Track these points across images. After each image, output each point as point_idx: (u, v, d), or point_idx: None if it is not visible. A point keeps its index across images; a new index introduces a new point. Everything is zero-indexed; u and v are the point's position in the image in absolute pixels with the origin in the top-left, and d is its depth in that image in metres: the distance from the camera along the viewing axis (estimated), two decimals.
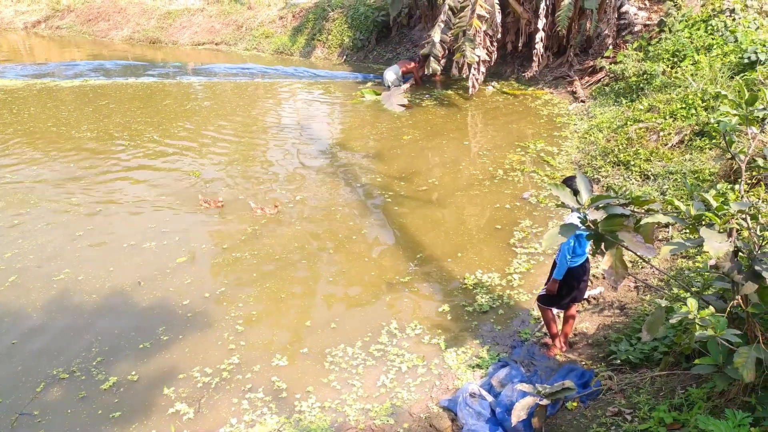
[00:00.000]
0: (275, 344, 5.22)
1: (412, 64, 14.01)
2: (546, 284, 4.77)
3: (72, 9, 25.45)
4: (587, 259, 4.65)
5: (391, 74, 13.91)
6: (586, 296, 5.20)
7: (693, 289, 4.38)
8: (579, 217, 3.10)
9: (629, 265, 5.65)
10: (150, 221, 7.48)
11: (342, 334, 5.35)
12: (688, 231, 2.99)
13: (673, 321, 2.87)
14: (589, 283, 5.41)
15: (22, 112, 12.61)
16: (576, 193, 3.13)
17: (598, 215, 3.03)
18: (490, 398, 4.26)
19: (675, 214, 3.18)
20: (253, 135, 11.04)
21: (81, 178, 8.93)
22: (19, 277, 6.30)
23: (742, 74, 8.56)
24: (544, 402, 3.71)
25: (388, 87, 13.67)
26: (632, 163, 7.83)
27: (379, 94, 13.22)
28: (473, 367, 4.86)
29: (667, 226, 6.09)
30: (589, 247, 4.49)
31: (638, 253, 2.99)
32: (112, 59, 18.56)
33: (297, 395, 4.63)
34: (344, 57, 17.53)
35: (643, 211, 3.21)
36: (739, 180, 4.16)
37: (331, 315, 5.62)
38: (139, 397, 4.63)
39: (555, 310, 4.91)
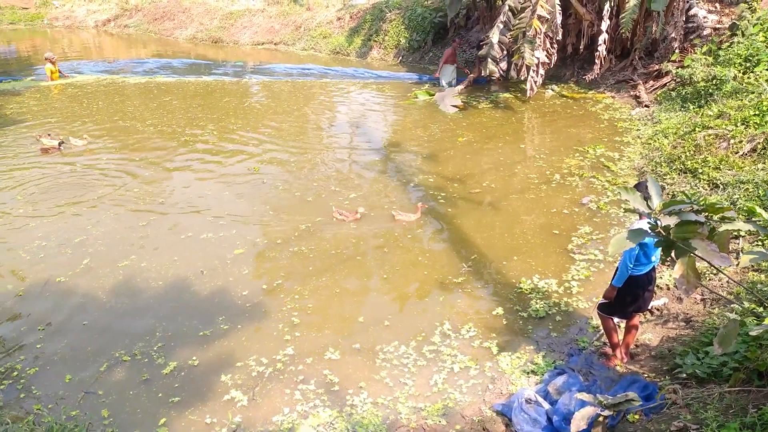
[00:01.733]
0: (328, 338, 5.27)
1: (450, 50, 13.88)
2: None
3: (139, 8, 26.53)
4: (653, 268, 4.48)
5: (445, 75, 13.85)
6: (649, 307, 5.01)
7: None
8: (649, 223, 2.99)
9: None
10: (207, 214, 7.69)
11: (394, 331, 5.35)
12: (761, 242, 2.85)
13: (753, 333, 2.72)
14: (654, 294, 5.21)
15: (91, 106, 13.21)
16: (646, 198, 3.02)
17: (670, 221, 2.92)
18: (546, 405, 4.16)
19: (756, 223, 3.02)
20: (307, 133, 11.20)
21: (144, 169, 9.27)
22: (90, 260, 6.59)
23: None
24: (606, 413, 3.59)
25: (443, 87, 13.62)
26: (700, 171, 7.51)
27: (433, 95, 13.18)
28: (528, 373, 4.76)
29: (737, 237, 5.83)
30: (657, 255, 4.33)
31: (713, 263, 2.85)
32: (177, 57, 19.22)
33: (349, 390, 4.65)
34: (400, 58, 17.57)
35: (717, 219, 3.07)
36: None
37: (384, 312, 5.63)
38: (198, 382, 4.76)
39: (616, 320, 4.76)
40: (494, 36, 11.70)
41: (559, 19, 11.60)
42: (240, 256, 6.63)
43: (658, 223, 2.88)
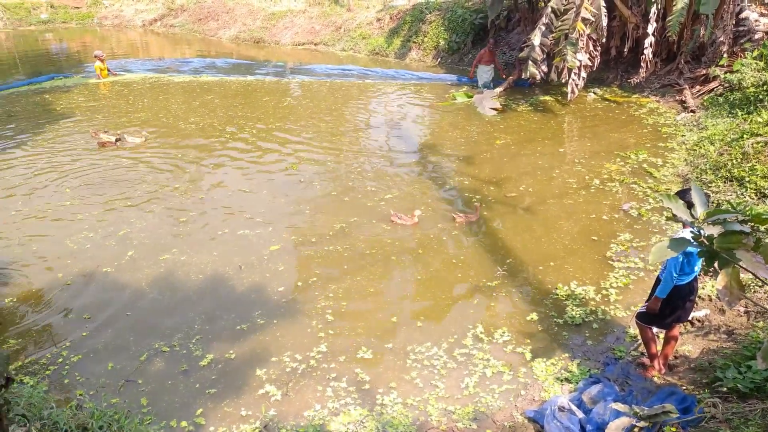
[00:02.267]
0: (361, 337, 5.31)
1: (484, 51, 13.75)
2: (647, 301, 4.53)
3: (185, 8, 27.18)
4: (695, 278, 4.37)
5: (482, 76, 13.76)
6: (690, 317, 4.88)
7: None
8: (692, 232, 2.92)
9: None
10: (244, 211, 7.83)
11: (427, 333, 5.35)
12: None
13: None
14: (695, 304, 5.07)
15: (137, 103, 13.62)
16: (690, 206, 2.95)
17: (714, 231, 2.84)
18: (580, 414, 4.10)
19: None
20: (344, 133, 11.29)
21: (185, 166, 9.51)
22: (134, 253, 6.80)
23: None
24: (641, 424, 3.52)
25: (481, 89, 13.53)
26: (747, 179, 7.26)
27: (471, 97, 13.10)
28: (562, 381, 4.70)
29: None
30: (699, 265, 4.22)
31: (758, 275, 2.77)
32: (220, 57, 19.62)
33: (380, 389, 4.68)
34: (438, 59, 17.53)
35: (763, 230, 2.98)
36: None
37: (417, 313, 5.64)
38: (234, 375, 4.86)
39: (655, 330, 4.65)
40: (536, 38, 11.56)
41: (604, 21, 11.39)
42: (276, 253, 6.74)
43: (701, 232, 2.81)
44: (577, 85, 11.85)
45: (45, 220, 7.65)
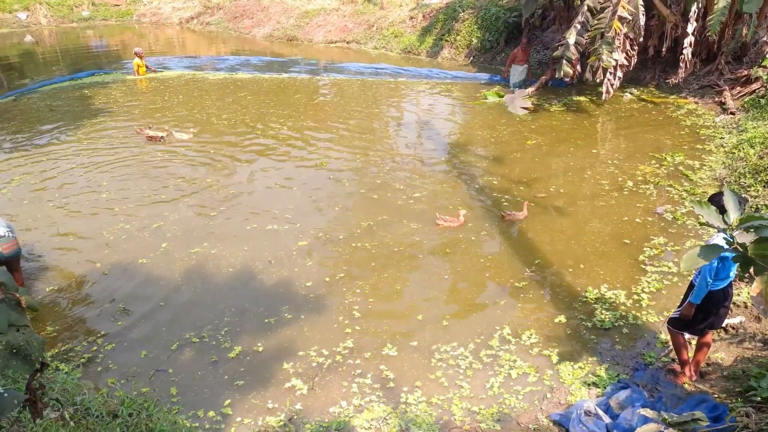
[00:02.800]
0: (387, 333, 5.33)
1: (517, 50, 13.59)
2: (679, 307, 4.43)
3: (221, 6, 27.58)
4: (730, 284, 4.25)
5: (514, 76, 13.61)
6: (724, 324, 4.76)
7: None
8: (725, 238, 2.85)
9: None
10: (273, 206, 7.93)
11: (453, 332, 5.34)
12: None
13: None
14: (729, 311, 4.94)
15: (172, 99, 13.90)
16: (723, 211, 2.87)
17: (747, 238, 2.76)
18: (607, 419, 4.04)
19: None
20: (374, 132, 11.32)
21: (216, 161, 9.67)
22: (169, 244, 6.96)
23: None
24: (670, 431, 3.45)
25: (512, 89, 13.39)
26: None
27: (502, 97, 12.98)
28: (589, 385, 4.64)
29: None
30: (734, 270, 4.11)
31: None
32: (254, 55, 19.86)
33: (404, 387, 4.69)
34: (471, 58, 17.40)
35: None
36: None
37: (443, 312, 5.63)
38: (261, 368, 4.93)
39: (687, 336, 4.55)
40: (571, 37, 11.39)
41: (641, 20, 11.15)
42: (304, 249, 6.81)
43: (735, 239, 2.74)
44: (612, 84, 11.63)
45: (82, 212, 7.87)
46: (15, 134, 11.32)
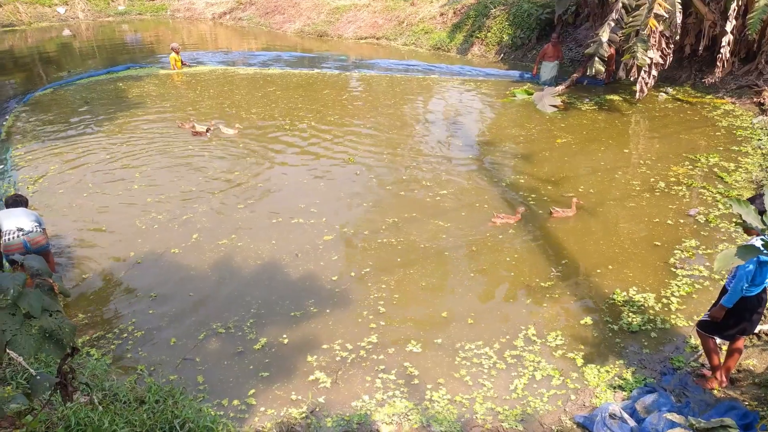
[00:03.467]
0: (411, 330, 5.33)
1: (548, 46, 13.39)
2: (710, 309, 4.32)
3: (253, 2, 27.85)
4: (765, 290, 4.13)
5: (544, 73, 13.43)
6: (756, 330, 4.63)
7: None
8: (763, 240, 2.77)
9: None
10: (300, 200, 7.99)
11: (477, 330, 5.31)
12: None
13: None
14: (763, 317, 4.81)
15: (203, 93, 14.10)
16: (761, 213, 2.80)
17: None
18: (632, 423, 3.98)
19: None
20: (402, 128, 11.30)
21: (246, 155, 9.78)
22: (199, 235, 7.09)
23: None
24: None
25: (542, 86, 13.21)
26: None
27: (532, 94, 12.82)
28: (615, 388, 4.57)
29: None
30: None
31: None
32: (285, 50, 20.00)
33: (427, 384, 4.69)
34: (501, 55, 17.23)
35: None
36: None
37: (468, 310, 5.61)
38: (286, 360, 4.99)
39: (718, 340, 4.44)
40: (604, 34, 11.18)
41: (678, 18, 10.88)
42: (330, 243, 6.85)
43: None
44: (646, 83, 11.39)
45: (116, 202, 8.05)
46: (52, 125, 11.64)
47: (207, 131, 10.75)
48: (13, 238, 5.67)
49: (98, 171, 9.19)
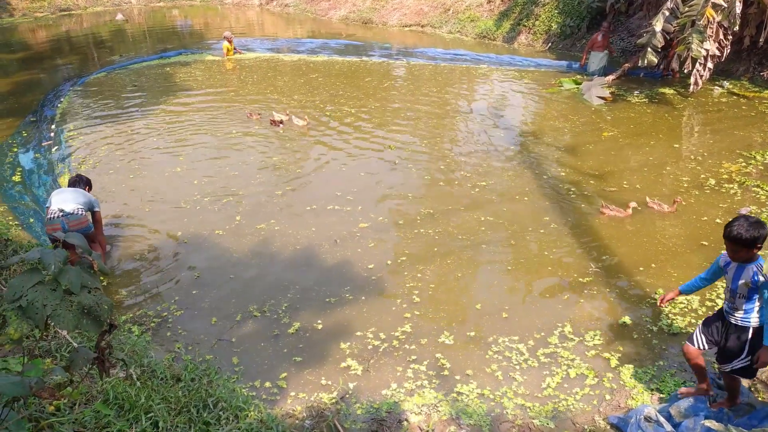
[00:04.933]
0: (444, 321, 5.30)
1: (597, 35, 12.95)
2: (742, 357, 3.67)
3: None
4: None
5: (593, 63, 13.04)
6: None
7: None
8: None
9: None
10: (338, 187, 8.03)
11: (511, 324, 5.24)
12: None
13: None
14: None
15: (247, 79, 14.32)
16: None
17: None
18: (668, 427, 3.86)
19: None
20: (444, 118, 11.20)
21: (286, 141, 9.89)
22: (241, 218, 7.23)
23: None
24: None
25: (590, 77, 12.84)
26: None
27: (579, 84, 12.49)
28: (651, 390, 4.44)
29: None
30: None
31: None
32: (329, 38, 20.07)
33: (457, 376, 4.66)
34: (549, 44, 16.84)
35: None
36: None
37: (503, 303, 5.54)
38: (320, 346, 5.03)
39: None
40: (657, 24, 10.77)
41: (738, 7, 10.37)
42: (366, 231, 6.86)
43: None
44: (701, 76, 10.94)
45: (162, 184, 8.28)
46: (103, 108, 12.04)
47: (281, 122, 10.59)
48: (53, 218, 5.80)
49: (145, 153, 9.46)
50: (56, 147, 9.73)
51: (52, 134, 10.31)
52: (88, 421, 3.25)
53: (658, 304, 4.24)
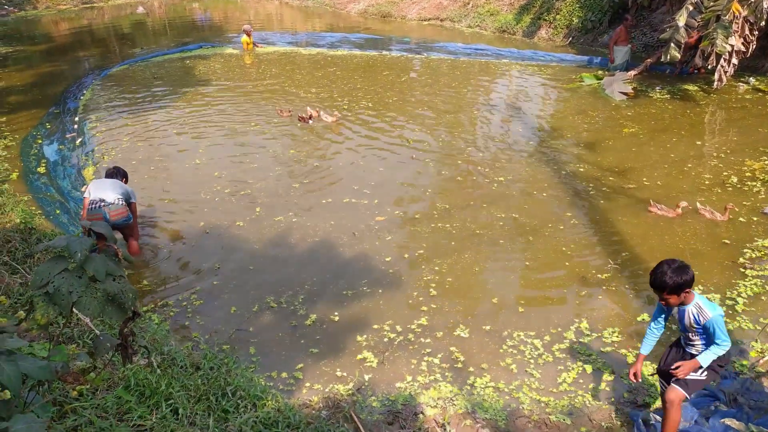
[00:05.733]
0: (460, 314, 5.30)
1: (620, 29, 12.76)
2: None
3: None
4: None
5: (616, 57, 12.87)
6: None
7: None
8: None
9: None
10: (355, 181, 8.05)
11: (528, 319, 5.23)
12: None
13: None
14: None
15: (266, 72, 14.38)
16: None
17: None
18: (687, 424, 3.82)
19: None
20: (461, 112, 11.16)
21: (303, 133, 9.92)
22: (261, 210, 7.28)
23: None
24: None
25: (612, 71, 12.67)
26: None
27: (601, 79, 12.34)
28: None
29: None
30: None
31: None
32: (346, 32, 20.05)
33: (473, 371, 4.66)
34: (570, 39, 16.66)
35: None
36: None
37: (519, 298, 5.53)
38: (336, 337, 5.06)
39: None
40: (681, 18, 10.60)
41: (765, 2, 10.16)
42: (384, 224, 6.87)
43: None
44: (726, 72, 10.74)
45: (183, 174, 8.37)
46: (125, 99, 12.20)
47: (310, 118, 10.40)
48: (95, 207, 5.91)
49: (166, 145, 9.58)
50: (80, 139, 9.88)
51: (76, 126, 10.46)
52: (109, 406, 3.31)
53: (632, 380, 3.82)
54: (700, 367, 3.45)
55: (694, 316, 3.42)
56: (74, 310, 2.22)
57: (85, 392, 3.33)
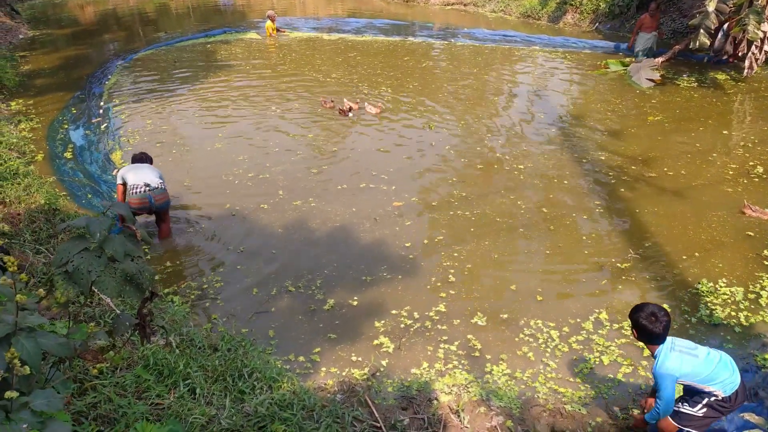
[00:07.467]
0: (478, 302, 5.29)
1: (645, 16, 12.44)
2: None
3: None
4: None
5: (640, 43, 12.57)
6: None
7: None
8: None
9: None
10: (374, 167, 8.02)
11: (546, 308, 5.20)
12: None
13: None
14: None
15: (286, 57, 14.35)
16: None
17: None
18: None
19: None
20: (483, 99, 11.04)
21: (323, 119, 9.90)
22: (284, 194, 7.31)
23: None
24: None
25: (639, 58, 12.39)
26: None
27: (627, 66, 12.08)
28: None
29: None
30: None
31: None
32: (371, 17, 19.90)
33: (489, 358, 4.65)
34: (596, 24, 16.32)
35: None
36: None
37: (538, 286, 5.49)
38: (353, 322, 5.09)
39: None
40: (711, 4, 10.30)
41: None
42: (403, 210, 6.86)
43: None
44: (757, 59, 10.43)
45: (205, 160, 8.41)
46: (149, 84, 12.29)
47: (350, 110, 10.08)
48: (139, 192, 5.95)
49: (189, 129, 9.64)
50: (105, 124, 10.00)
51: (101, 111, 10.59)
52: (128, 384, 3.38)
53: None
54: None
55: (654, 365, 3.50)
56: (94, 289, 2.27)
57: (105, 370, 3.40)
